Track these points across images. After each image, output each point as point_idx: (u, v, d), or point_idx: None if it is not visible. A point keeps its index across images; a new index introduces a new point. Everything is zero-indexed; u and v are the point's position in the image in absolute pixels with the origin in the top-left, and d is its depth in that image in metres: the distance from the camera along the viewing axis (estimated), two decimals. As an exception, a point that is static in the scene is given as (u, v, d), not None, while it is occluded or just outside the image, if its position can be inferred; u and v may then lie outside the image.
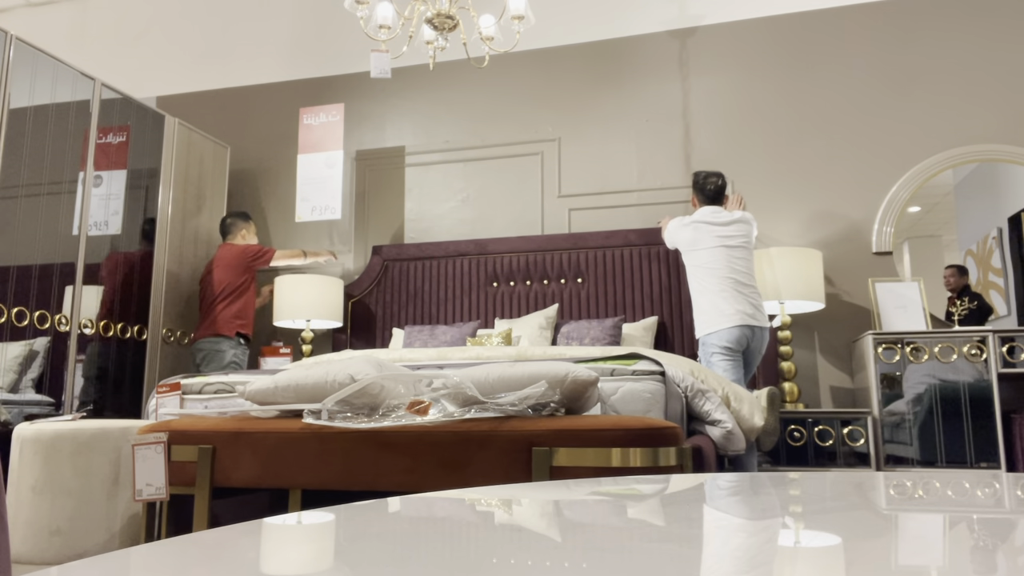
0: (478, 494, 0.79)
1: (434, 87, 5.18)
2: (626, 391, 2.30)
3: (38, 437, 2.59)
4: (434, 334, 4.35)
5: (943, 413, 3.68)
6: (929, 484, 0.82)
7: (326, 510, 0.69)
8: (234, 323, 4.42)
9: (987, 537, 0.54)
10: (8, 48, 3.67)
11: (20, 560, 2.50)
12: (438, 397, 2.11)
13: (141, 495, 2.14)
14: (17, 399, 3.63)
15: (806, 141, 4.49)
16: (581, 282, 4.56)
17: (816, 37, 4.57)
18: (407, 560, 0.47)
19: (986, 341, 3.68)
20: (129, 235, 4.36)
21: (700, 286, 3.64)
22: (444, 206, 5.02)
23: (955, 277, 4.19)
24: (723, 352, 3.51)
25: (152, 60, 5.81)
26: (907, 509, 0.65)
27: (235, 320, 4.42)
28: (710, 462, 2.37)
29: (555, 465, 1.89)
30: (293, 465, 2.09)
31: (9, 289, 3.63)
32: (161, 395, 2.70)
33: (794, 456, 3.85)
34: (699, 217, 3.71)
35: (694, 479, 0.90)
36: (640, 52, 4.85)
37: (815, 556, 0.47)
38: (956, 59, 4.35)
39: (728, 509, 0.68)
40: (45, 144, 3.85)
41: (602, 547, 0.50)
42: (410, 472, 2.00)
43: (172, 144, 4.67)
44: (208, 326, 4.41)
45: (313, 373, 2.22)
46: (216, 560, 0.50)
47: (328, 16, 5.46)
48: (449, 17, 3.44)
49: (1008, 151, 4.17)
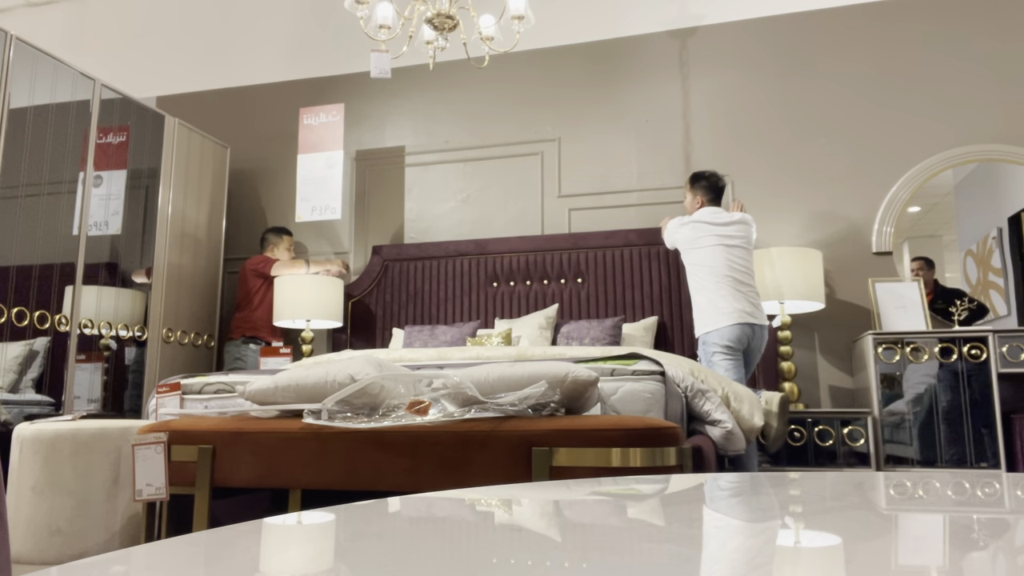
0: (478, 494, 0.79)
1: (434, 87, 5.18)
2: (626, 391, 2.30)
3: (38, 437, 2.59)
4: (434, 334, 4.35)
5: (943, 413, 3.68)
6: (929, 484, 0.82)
7: (326, 510, 0.69)
8: (241, 327, 4.72)
9: (987, 537, 0.54)
10: (8, 48, 3.67)
11: (20, 560, 2.50)
12: (438, 397, 2.11)
13: (141, 495, 2.14)
14: (17, 399, 3.63)
15: (806, 141, 4.49)
16: (581, 282, 4.56)
17: (816, 37, 4.57)
18: (407, 560, 0.47)
19: (986, 341, 3.68)
20: (129, 235, 4.36)
21: (699, 284, 3.65)
22: (444, 206, 5.02)
23: (924, 270, 4.20)
24: (724, 351, 3.51)
25: (152, 60, 5.81)
26: (907, 509, 0.65)
27: (243, 324, 4.72)
28: (710, 462, 2.37)
29: (555, 465, 1.89)
30: (293, 465, 2.09)
31: (9, 289, 3.63)
32: (161, 395, 2.70)
33: (794, 456, 3.85)
34: (699, 217, 3.71)
35: (694, 479, 0.90)
36: (640, 52, 4.85)
37: (815, 556, 0.47)
38: (956, 59, 4.35)
39: (728, 509, 0.68)
40: (45, 144, 3.85)
41: (602, 547, 0.50)
42: (410, 472, 2.00)
43: (172, 144, 4.67)
44: (229, 331, 4.83)
45: (313, 373, 2.22)
46: (216, 560, 0.50)
47: (328, 16, 5.46)
48: (449, 17, 3.44)
49: (1008, 151, 4.17)
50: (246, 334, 4.69)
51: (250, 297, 4.74)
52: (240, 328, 4.70)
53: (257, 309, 4.74)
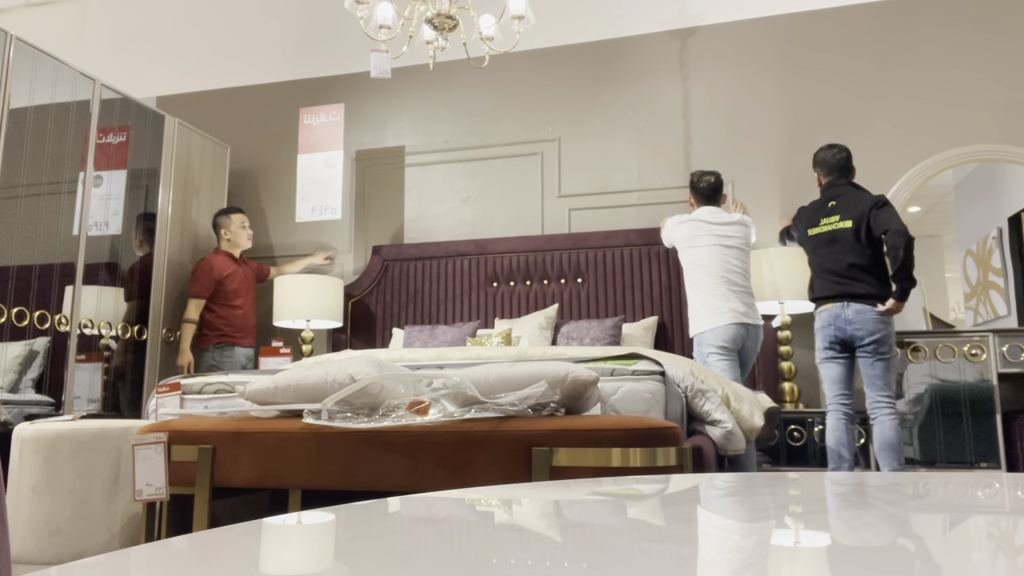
0: (478, 494, 0.79)
1: (434, 87, 5.18)
2: (626, 391, 2.30)
3: (38, 437, 2.59)
4: (434, 334, 4.35)
5: (943, 413, 3.68)
6: (929, 484, 0.82)
7: (326, 510, 0.69)
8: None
9: (987, 537, 0.54)
10: (8, 48, 3.67)
11: (20, 560, 2.50)
12: (438, 397, 2.11)
13: (141, 495, 2.14)
14: (17, 399, 3.63)
15: (806, 141, 4.49)
16: (581, 282, 4.56)
17: (816, 37, 4.57)
18: (407, 560, 0.47)
19: (986, 341, 3.68)
20: (129, 235, 4.36)
21: (694, 284, 3.66)
22: (444, 206, 5.02)
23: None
24: (719, 352, 3.51)
25: (152, 60, 5.81)
26: (907, 509, 0.65)
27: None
28: (710, 462, 2.37)
29: (555, 465, 1.89)
30: (293, 465, 2.09)
31: (9, 289, 3.63)
32: (161, 395, 2.70)
33: (794, 456, 3.85)
34: (697, 216, 3.72)
35: (694, 479, 0.90)
36: (640, 52, 4.85)
37: (814, 556, 0.47)
38: (956, 59, 4.35)
39: (728, 509, 0.68)
40: (45, 144, 3.85)
41: (602, 547, 0.50)
42: (410, 472, 2.00)
43: (172, 144, 4.67)
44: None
45: (313, 373, 2.22)
46: (216, 560, 0.50)
47: (328, 16, 5.46)
48: (449, 17, 3.44)
49: (1008, 151, 4.17)
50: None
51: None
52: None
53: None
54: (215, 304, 4.48)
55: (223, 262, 4.52)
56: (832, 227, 3.55)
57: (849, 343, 3.45)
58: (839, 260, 3.48)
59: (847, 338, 3.43)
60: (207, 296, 4.43)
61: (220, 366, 4.43)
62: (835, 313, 3.44)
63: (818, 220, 3.63)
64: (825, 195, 3.66)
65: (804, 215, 3.72)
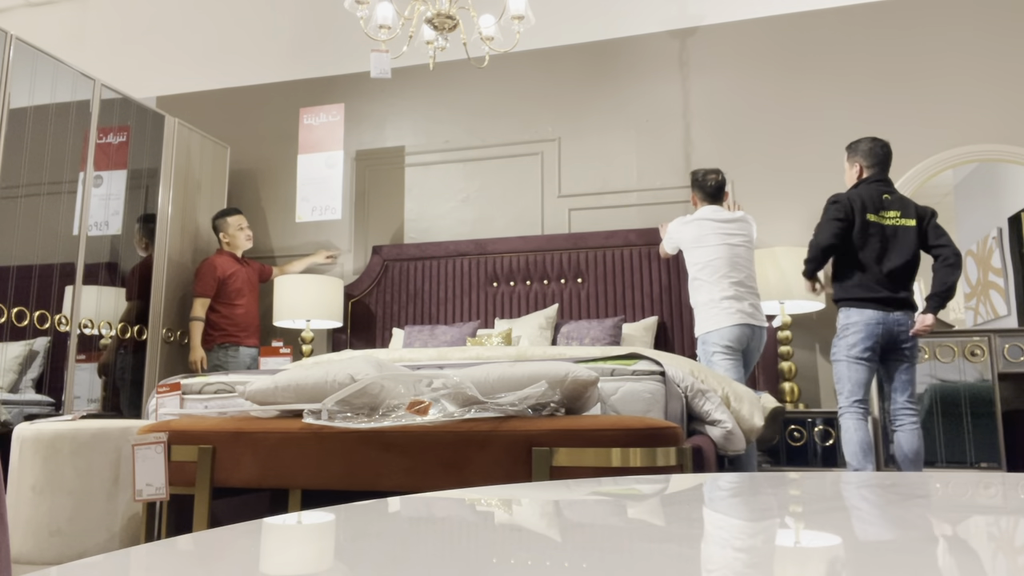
0: (478, 494, 0.79)
1: (434, 87, 5.18)
2: (626, 391, 2.30)
3: (38, 437, 2.59)
4: (434, 334, 4.35)
5: (943, 413, 3.68)
6: (929, 484, 0.82)
7: (326, 510, 0.69)
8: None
9: (987, 537, 0.54)
10: (8, 48, 3.67)
11: (20, 560, 2.50)
12: (438, 397, 2.11)
13: (141, 495, 2.14)
14: (17, 399, 3.63)
15: (806, 141, 4.49)
16: (581, 282, 4.56)
17: (816, 37, 4.57)
18: (407, 560, 0.47)
19: (986, 341, 3.68)
20: (129, 235, 4.36)
21: (700, 284, 3.65)
22: (444, 206, 5.02)
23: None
24: (724, 351, 3.51)
25: (152, 60, 5.81)
26: (907, 509, 0.65)
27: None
28: (710, 462, 2.37)
29: (555, 465, 1.89)
30: (293, 465, 2.09)
31: (9, 289, 3.63)
32: (161, 395, 2.70)
33: (794, 456, 3.85)
34: (703, 215, 3.71)
35: (694, 479, 0.90)
36: (640, 52, 4.85)
37: (815, 556, 0.47)
38: (956, 59, 4.35)
39: (728, 510, 0.68)
40: (45, 144, 3.85)
41: (602, 547, 0.50)
42: (410, 472, 2.00)
43: (172, 144, 4.67)
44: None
45: (313, 373, 2.22)
46: (216, 560, 0.50)
47: (328, 16, 5.46)
48: (449, 17, 3.44)
49: (1008, 151, 4.17)
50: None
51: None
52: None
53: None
54: (218, 304, 4.50)
55: (226, 262, 4.55)
56: (895, 222, 3.32)
57: (889, 346, 3.29)
58: (896, 258, 3.27)
59: (891, 340, 3.27)
60: (211, 295, 4.46)
61: (225, 366, 4.44)
62: (884, 313, 3.26)
63: (879, 209, 3.34)
64: (877, 187, 3.38)
65: (858, 198, 3.35)
